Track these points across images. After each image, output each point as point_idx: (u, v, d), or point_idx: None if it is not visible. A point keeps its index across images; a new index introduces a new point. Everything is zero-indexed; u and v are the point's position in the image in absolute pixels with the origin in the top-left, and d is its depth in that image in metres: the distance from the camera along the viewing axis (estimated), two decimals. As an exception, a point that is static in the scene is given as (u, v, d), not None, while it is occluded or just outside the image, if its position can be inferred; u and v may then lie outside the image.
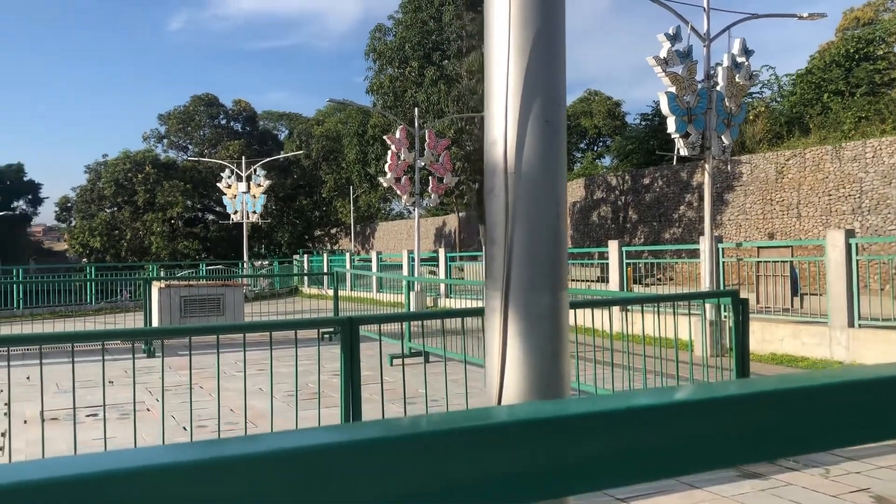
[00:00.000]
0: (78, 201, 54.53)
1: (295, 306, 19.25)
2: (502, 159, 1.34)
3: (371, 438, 0.78)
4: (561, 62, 1.36)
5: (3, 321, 17.94)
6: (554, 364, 1.35)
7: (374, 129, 38.71)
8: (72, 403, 7.39)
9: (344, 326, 4.65)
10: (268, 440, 0.68)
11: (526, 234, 1.34)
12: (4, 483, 0.51)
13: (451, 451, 0.85)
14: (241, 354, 5.04)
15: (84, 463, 0.56)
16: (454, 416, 1.14)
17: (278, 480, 0.64)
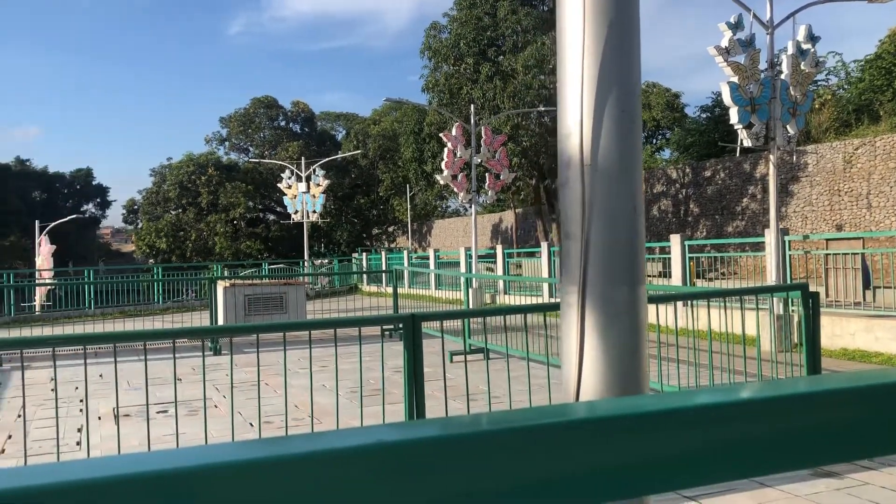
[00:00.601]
0: (144, 204, 56.13)
1: (355, 304, 19.47)
2: (578, 151, 1.32)
3: (441, 436, 0.77)
4: (635, 51, 1.33)
5: (76, 321, 18.58)
6: (633, 360, 1.32)
7: (430, 126, 38.80)
8: (141, 400, 7.61)
9: (407, 323, 4.67)
10: (333, 437, 0.67)
11: (603, 228, 1.31)
12: (95, 477, 0.52)
13: (527, 448, 0.83)
14: (302, 352, 5.11)
15: (160, 460, 0.57)
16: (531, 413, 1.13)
17: (343, 478, 0.63)
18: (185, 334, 6.05)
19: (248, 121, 58.57)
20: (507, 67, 35.40)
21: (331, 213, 49.98)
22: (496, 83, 34.65)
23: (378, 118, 62.93)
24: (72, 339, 5.10)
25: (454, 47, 36.92)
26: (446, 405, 5.17)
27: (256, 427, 7.01)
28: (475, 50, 36.27)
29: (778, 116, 12.97)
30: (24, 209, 60.56)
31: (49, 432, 6.82)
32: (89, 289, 23.29)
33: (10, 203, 59.35)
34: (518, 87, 34.03)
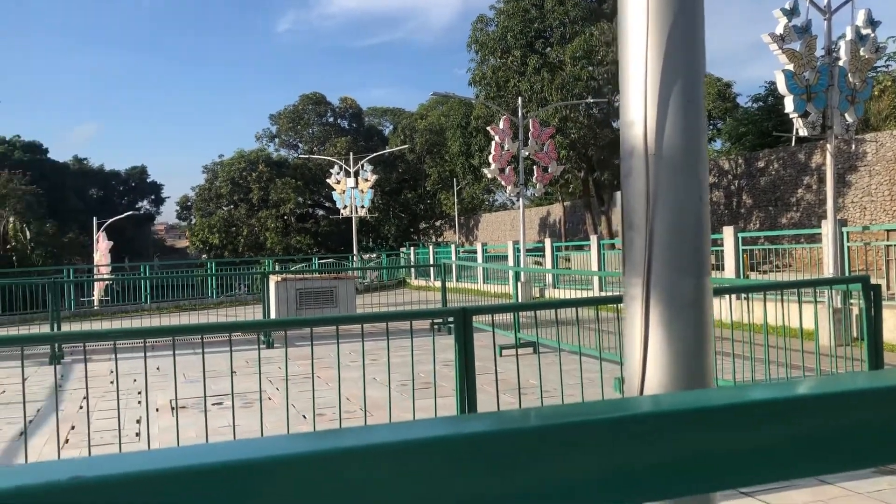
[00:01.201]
0: (197, 200, 57.25)
1: (403, 298, 19.58)
2: (642, 141, 1.30)
3: (499, 430, 0.76)
4: (700, 38, 1.31)
5: (133, 315, 19.06)
6: (698, 353, 1.30)
7: (477, 120, 38.74)
8: (197, 392, 7.77)
9: (458, 317, 4.67)
10: (385, 431, 0.67)
11: (668, 219, 1.29)
12: (166, 468, 0.53)
13: (589, 442, 0.82)
14: (352, 345, 5.16)
15: (219, 452, 0.57)
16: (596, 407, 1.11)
17: (396, 472, 0.63)
18: (243, 328, 6.16)
19: (297, 117, 59.28)
20: (555, 59, 35.14)
21: (378, 207, 50.29)
22: (544, 75, 34.42)
23: (425, 113, 63.07)
24: (133, 332, 5.23)
25: (501, 40, 36.78)
26: (498, 399, 5.17)
27: (309, 419, 7.10)
28: (522, 42, 36.07)
29: (835, 104, 12.61)
30: (82, 207, 62.33)
31: (109, 423, 7.00)
32: (145, 284, 23.86)
33: (68, 201, 61.14)
34: (566, 78, 33.75)
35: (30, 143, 67.11)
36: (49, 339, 8.58)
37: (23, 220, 47.37)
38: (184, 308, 20.67)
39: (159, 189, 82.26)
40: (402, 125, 60.04)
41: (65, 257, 48.22)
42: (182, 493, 0.53)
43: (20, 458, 6.05)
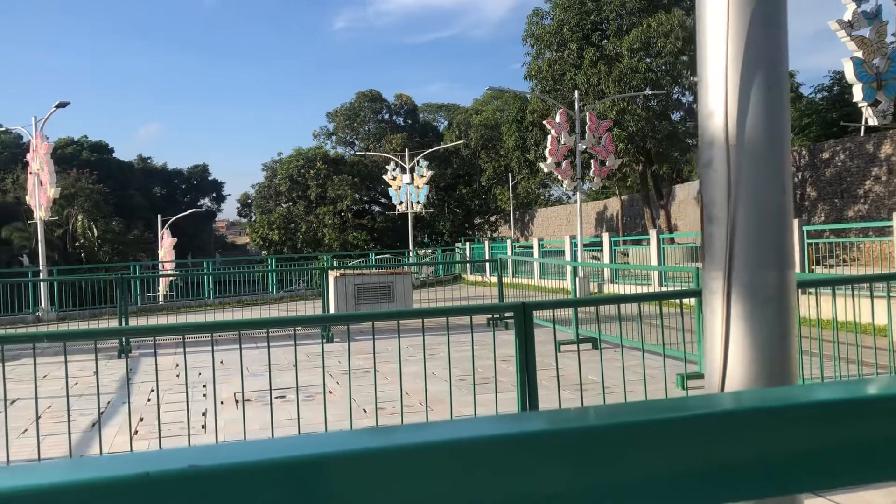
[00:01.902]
0: (257, 197, 58.34)
1: (459, 293, 19.59)
2: (722, 131, 1.26)
3: (567, 428, 0.74)
4: (783, 22, 1.26)
5: (197, 310, 19.52)
6: (782, 348, 1.26)
7: (532, 114, 38.49)
8: (259, 386, 7.91)
9: (518, 312, 4.65)
10: (446, 428, 0.66)
11: (749, 211, 1.25)
12: (244, 461, 0.53)
13: (670, 440, 0.79)
14: (409, 340, 5.18)
15: (284, 447, 0.57)
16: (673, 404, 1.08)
17: (456, 470, 0.62)
18: (308, 322, 6.25)
19: (353, 115, 59.84)
20: (612, 51, 34.69)
21: (433, 203, 50.45)
22: (600, 68, 34.01)
23: (479, 108, 63.00)
24: (201, 326, 5.36)
25: (557, 33, 36.47)
26: (559, 395, 5.13)
27: (370, 413, 7.17)
28: (578, 35, 35.71)
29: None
30: (146, 204, 64.09)
31: (176, 416, 7.18)
32: (208, 279, 24.41)
33: (133, 199, 62.92)
34: (623, 70, 33.29)
35: (96, 144, 69.29)
36: (120, 333, 8.84)
37: (90, 218, 48.93)
38: (246, 303, 21.10)
39: (220, 187, 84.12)
40: (457, 121, 60.06)
41: (130, 254, 49.66)
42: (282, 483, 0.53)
43: (94, 448, 6.26)
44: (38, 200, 21.52)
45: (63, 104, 21.33)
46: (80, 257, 48.52)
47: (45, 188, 21.43)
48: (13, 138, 58.44)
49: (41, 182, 21.46)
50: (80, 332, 6.12)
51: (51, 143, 22.14)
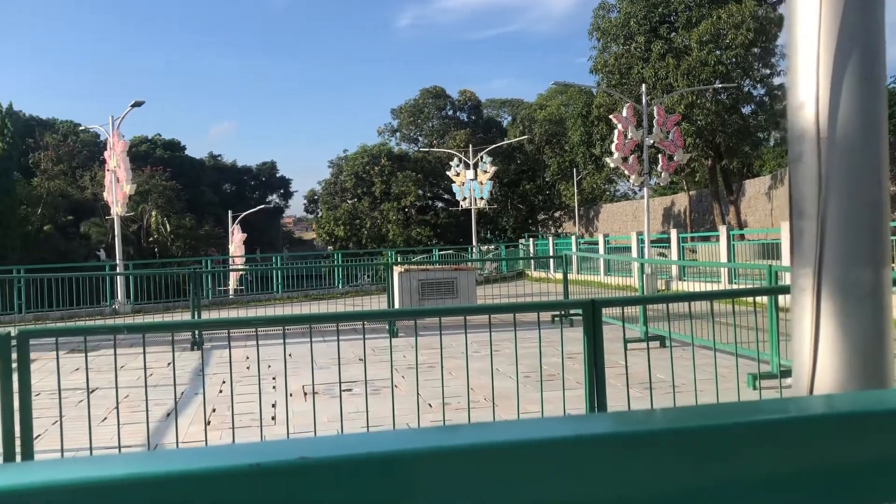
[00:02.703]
0: (323, 194, 59.25)
1: (524, 289, 19.53)
2: (813, 123, 1.22)
3: (645, 430, 0.72)
4: (880, 8, 1.21)
5: (266, 304, 19.94)
6: (876, 349, 1.21)
7: (598, 109, 38.03)
8: (326, 379, 8.03)
9: (586, 309, 4.60)
10: (509, 428, 0.65)
11: (842, 206, 1.20)
12: (318, 458, 0.53)
13: (757, 444, 0.76)
14: (473, 335, 5.19)
15: (356, 444, 0.56)
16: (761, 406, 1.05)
17: (519, 471, 0.60)
18: (376, 317, 6.32)
19: (417, 111, 60.16)
20: (681, 44, 34.01)
21: (497, 199, 50.36)
22: (668, 61, 33.38)
23: (544, 103, 62.54)
24: (273, 320, 5.47)
25: (624, 26, 35.93)
26: (628, 394, 5.06)
27: (436, 407, 7.21)
28: (646, 28, 35.11)
29: None
30: (216, 200, 65.79)
31: (246, 407, 7.34)
32: (277, 274, 24.91)
33: (204, 195, 64.65)
34: (692, 63, 32.60)
35: (169, 141, 71.41)
36: (196, 325, 9.09)
37: (164, 213, 50.48)
38: (313, 297, 21.44)
39: (288, 183, 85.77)
40: (521, 116, 59.78)
41: (201, 249, 51.05)
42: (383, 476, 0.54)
43: (169, 437, 6.45)
44: (115, 197, 22.29)
45: (138, 103, 22.04)
46: (154, 252, 50.14)
47: (121, 185, 22.18)
48: (91, 137, 60.68)
49: (118, 179, 22.22)
50: (158, 324, 6.32)
51: (127, 142, 22.90)
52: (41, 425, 6.34)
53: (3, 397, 4.11)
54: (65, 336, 4.45)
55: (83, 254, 48.57)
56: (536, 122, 56.57)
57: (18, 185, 47.03)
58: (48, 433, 6.46)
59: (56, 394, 7.51)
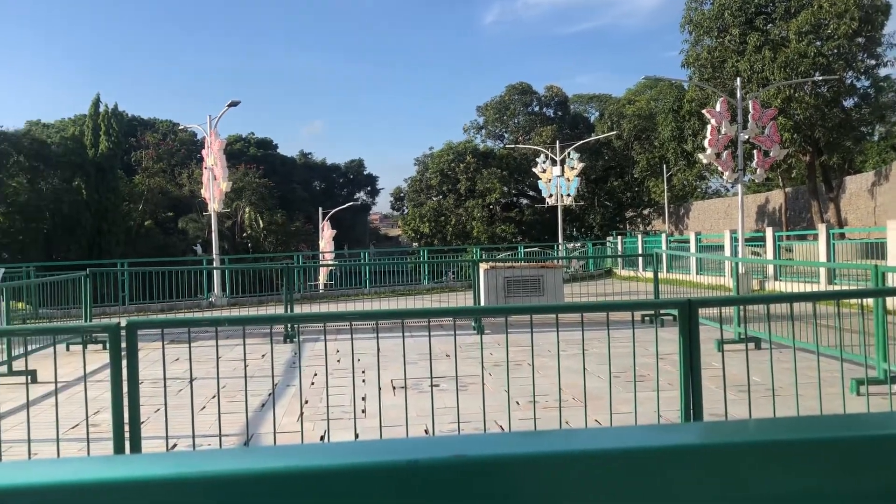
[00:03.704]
0: (409, 191, 59.88)
1: (613, 288, 19.24)
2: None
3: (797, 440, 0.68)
4: None
5: (354, 299, 20.30)
6: None
7: (690, 103, 37.05)
8: (414, 373, 8.11)
9: (682, 309, 4.48)
10: (592, 436, 0.63)
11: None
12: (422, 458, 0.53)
13: (863, 457, 0.72)
14: (560, 334, 5.14)
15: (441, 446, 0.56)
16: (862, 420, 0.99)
17: (614, 479, 0.58)
18: (466, 313, 6.35)
19: (503, 108, 60.02)
20: (778, 36, 32.76)
21: (584, 196, 49.76)
22: (765, 53, 32.19)
23: (632, 98, 61.36)
24: (366, 315, 5.57)
25: (717, 18, 34.87)
26: (725, 398, 4.91)
27: (523, 405, 7.19)
28: (741, 19, 33.96)
29: None
30: (306, 197, 67.41)
31: (337, 399, 7.50)
32: (365, 270, 25.33)
33: (295, 192, 66.33)
34: (790, 55, 31.35)
35: (262, 140, 73.56)
36: (292, 319, 9.35)
37: (257, 210, 52.06)
38: (399, 293, 21.71)
39: (374, 181, 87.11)
40: (609, 111, 58.81)
41: (292, 244, 52.42)
42: (535, 475, 0.53)
43: (265, 428, 6.64)
44: (212, 193, 23.11)
45: (234, 103, 22.78)
46: (247, 247, 51.79)
47: (218, 182, 22.98)
48: (188, 136, 63.12)
49: (215, 176, 23.03)
50: (258, 317, 6.54)
51: (223, 140, 23.72)
52: (144, 413, 6.64)
53: (114, 385, 4.32)
54: (170, 328, 4.65)
55: (181, 248, 50.66)
56: (625, 118, 55.54)
57: (122, 182, 49.39)
58: (150, 420, 6.75)
59: (156, 383, 7.85)
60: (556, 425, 5.77)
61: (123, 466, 0.65)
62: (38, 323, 13.87)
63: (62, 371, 8.97)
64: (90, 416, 5.31)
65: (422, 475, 0.48)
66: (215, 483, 0.50)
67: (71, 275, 13.99)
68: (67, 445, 5.82)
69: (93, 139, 47.26)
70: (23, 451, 5.28)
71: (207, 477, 0.50)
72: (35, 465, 0.72)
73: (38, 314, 15.63)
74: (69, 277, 14.18)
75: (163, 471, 0.55)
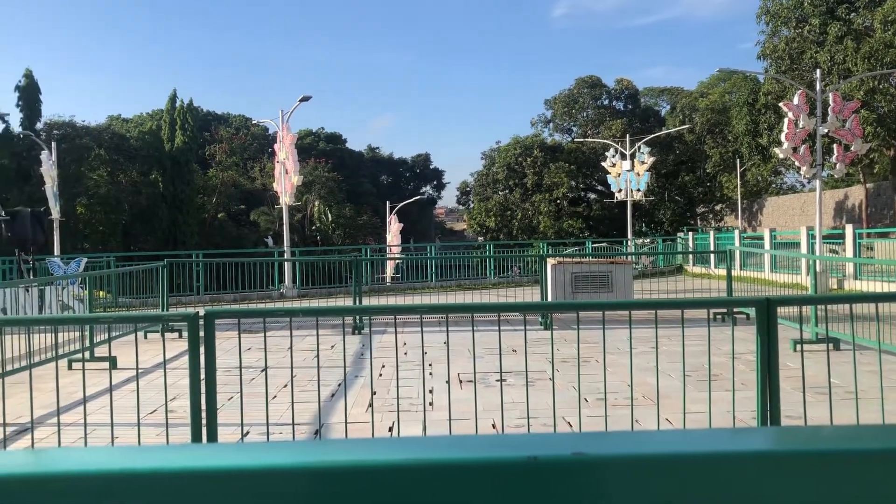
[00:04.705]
0: (475, 185, 59.87)
1: (684, 285, 18.87)
2: None
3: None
4: None
5: (421, 292, 20.42)
6: None
7: (766, 96, 35.98)
8: (479, 368, 8.11)
9: (761, 308, 4.36)
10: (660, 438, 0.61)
11: None
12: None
13: None
14: (624, 332, 5.07)
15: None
16: None
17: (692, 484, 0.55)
18: (537, 308, 6.31)
19: (571, 101, 59.40)
20: (861, 25, 31.51)
21: (653, 191, 48.89)
22: (847, 44, 31.00)
23: (705, 91, 59.94)
24: (437, 308, 5.59)
25: (796, 8, 33.74)
26: (804, 399, 4.76)
27: (591, 403, 7.12)
28: (822, 9, 32.78)
29: None
30: (373, 191, 68.11)
31: (404, 392, 7.56)
32: (431, 263, 25.46)
33: (362, 186, 67.10)
34: (875, 46, 30.11)
35: (331, 135, 74.62)
36: (364, 311, 9.46)
37: (325, 203, 52.87)
38: (465, 287, 21.75)
39: (440, 175, 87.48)
40: (681, 104, 57.57)
41: (359, 237, 53.10)
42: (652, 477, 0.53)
43: (335, 418, 6.75)
44: (284, 187, 23.56)
45: (306, 98, 23.15)
46: (316, 239, 52.69)
47: (289, 176, 23.41)
48: (260, 130, 64.56)
49: (286, 170, 23.46)
50: (330, 308, 6.65)
51: (294, 135, 24.14)
52: (218, 400, 6.82)
53: (192, 373, 4.45)
54: (246, 318, 4.76)
55: (252, 240, 51.86)
56: (697, 111, 54.29)
57: (196, 175, 50.81)
58: (224, 408, 6.94)
59: (228, 371, 8.05)
60: (626, 424, 5.70)
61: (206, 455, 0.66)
62: (118, 311, 14.41)
63: (140, 358, 9.30)
64: (168, 401, 5.48)
65: (540, 471, 0.48)
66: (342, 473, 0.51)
67: (149, 265, 14.47)
68: (146, 430, 6.03)
69: (169, 133, 48.77)
70: (105, 434, 5.49)
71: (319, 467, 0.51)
72: (117, 451, 0.74)
73: (118, 302, 16.23)
74: (147, 267, 14.66)
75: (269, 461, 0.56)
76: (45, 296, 14.26)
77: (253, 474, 0.57)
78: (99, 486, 0.62)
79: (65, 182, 35.61)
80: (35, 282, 14.48)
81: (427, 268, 25.29)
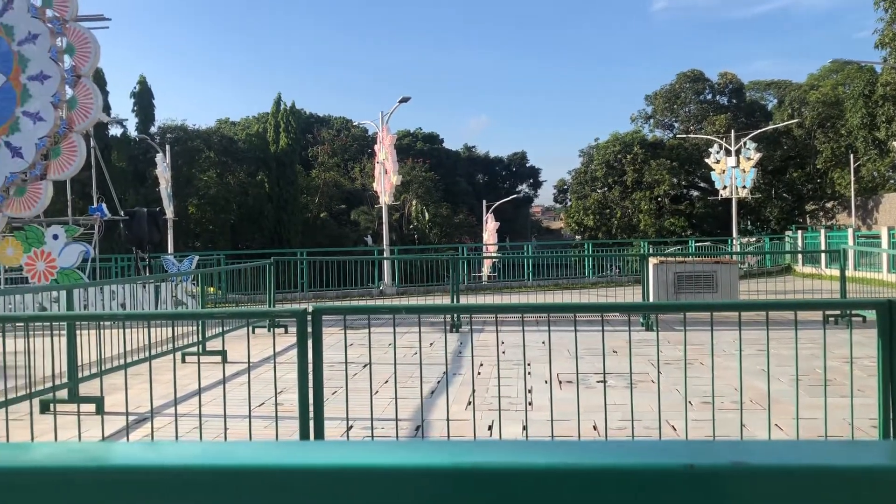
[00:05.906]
0: (573, 183, 59.18)
1: (793, 285, 18.11)
2: None
3: None
4: None
5: (517, 291, 20.36)
6: None
7: (884, 87, 34.05)
8: (581, 368, 8.02)
9: (882, 310, 4.13)
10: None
11: None
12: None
13: None
14: (733, 333, 4.88)
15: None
16: None
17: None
18: (642, 309, 6.20)
19: (673, 96, 57.84)
20: None
21: (759, 188, 47.04)
22: (975, 29, 28.97)
23: (815, 83, 57.17)
24: (538, 308, 5.57)
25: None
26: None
27: (696, 406, 6.93)
28: (946, -8, 30.76)
29: None
30: (469, 190, 68.42)
31: (503, 391, 7.56)
32: (528, 262, 25.37)
33: (459, 185, 67.51)
34: None
35: (429, 135, 75.38)
36: (466, 309, 9.54)
37: (423, 202, 53.47)
38: (563, 286, 21.55)
39: (537, 173, 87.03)
40: (790, 98, 55.11)
41: (456, 236, 53.43)
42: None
43: (435, 414, 6.82)
44: (383, 187, 23.98)
45: (405, 99, 23.49)
46: (414, 238, 53.34)
47: (389, 176, 23.80)
48: (360, 131, 65.91)
49: (386, 170, 23.87)
50: (432, 307, 6.73)
51: (394, 135, 24.53)
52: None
53: (301, 367, 4.59)
54: (351, 314, 4.88)
55: (353, 239, 53.04)
56: (807, 105, 51.84)
57: (299, 176, 52.37)
58: (328, 402, 7.13)
59: (331, 366, 8.26)
60: (733, 428, 5.52)
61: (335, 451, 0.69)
62: (227, 307, 15.01)
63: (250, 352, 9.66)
64: (276, 395, 5.67)
65: (698, 480, 0.47)
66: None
67: (257, 262, 15.03)
68: (256, 423, 6.27)
69: (274, 135, 50.47)
70: (218, 426, 5.74)
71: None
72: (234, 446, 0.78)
73: (227, 298, 16.90)
74: (255, 265, 15.22)
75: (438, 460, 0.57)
76: (160, 292, 15.03)
77: (367, 473, 0.58)
78: (208, 481, 0.65)
79: (177, 183, 37.40)
80: (151, 278, 15.28)
81: (524, 266, 25.20)
